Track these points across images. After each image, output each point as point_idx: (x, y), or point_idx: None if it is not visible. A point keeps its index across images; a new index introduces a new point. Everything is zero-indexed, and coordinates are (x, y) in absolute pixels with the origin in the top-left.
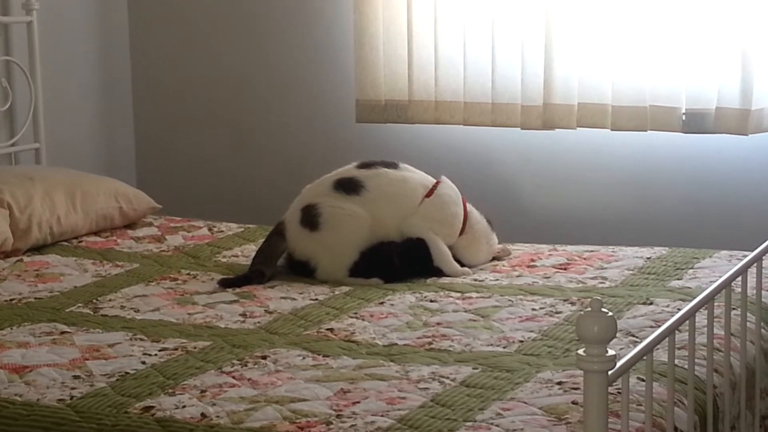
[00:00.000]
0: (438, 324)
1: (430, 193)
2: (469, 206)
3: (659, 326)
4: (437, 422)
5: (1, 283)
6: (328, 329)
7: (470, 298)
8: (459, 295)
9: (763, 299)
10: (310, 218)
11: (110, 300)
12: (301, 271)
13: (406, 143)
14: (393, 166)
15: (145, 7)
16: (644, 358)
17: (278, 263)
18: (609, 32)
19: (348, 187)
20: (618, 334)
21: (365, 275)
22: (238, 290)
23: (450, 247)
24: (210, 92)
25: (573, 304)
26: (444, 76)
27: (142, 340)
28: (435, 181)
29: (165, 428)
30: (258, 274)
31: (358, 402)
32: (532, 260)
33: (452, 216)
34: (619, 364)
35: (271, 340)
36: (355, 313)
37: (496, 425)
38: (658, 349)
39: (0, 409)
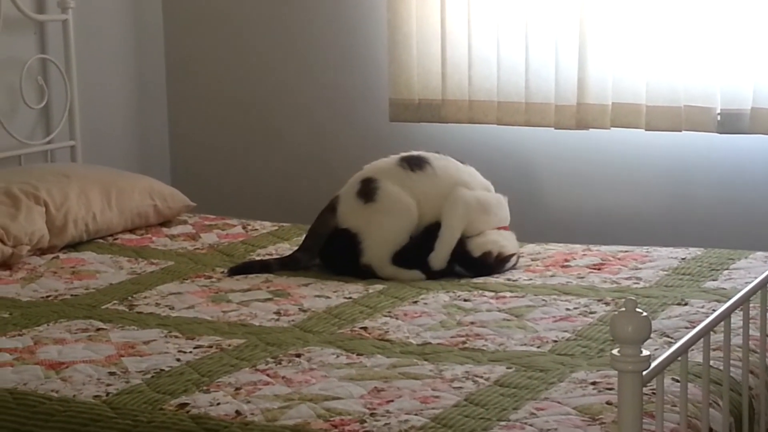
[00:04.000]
0: (472, 323)
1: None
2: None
3: (694, 327)
4: (471, 421)
5: (38, 280)
6: (362, 328)
7: (504, 297)
8: (493, 294)
9: None
10: (367, 191)
11: (145, 297)
12: (347, 243)
13: (439, 142)
14: (461, 162)
15: (179, 6)
16: (679, 358)
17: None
18: (643, 31)
19: (413, 162)
20: (652, 335)
21: (408, 264)
22: (272, 288)
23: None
24: (244, 91)
25: (607, 304)
26: (477, 75)
27: (176, 337)
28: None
29: (200, 425)
30: (293, 260)
31: (392, 401)
32: (566, 260)
33: (494, 216)
34: (653, 364)
35: (305, 338)
36: (389, 312)
37: (530, 425)
38: (693, 349)
39: (36, 405)
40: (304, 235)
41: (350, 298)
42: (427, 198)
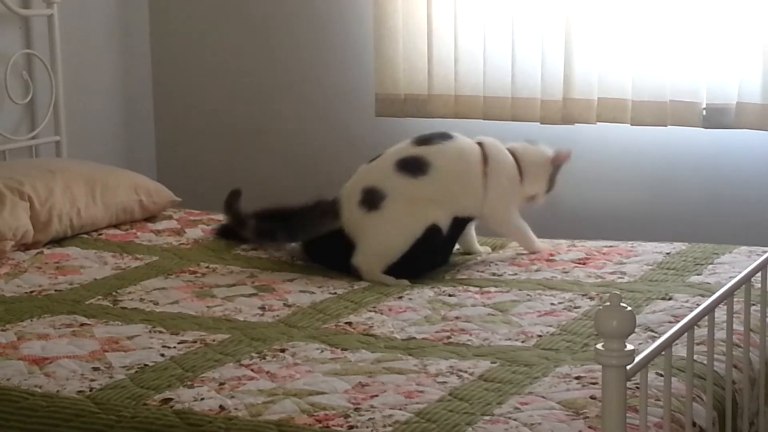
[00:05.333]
0: (456, 318)
1: (485, 160)
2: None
3: (678, 321)
4: (455, 416)
5: (22, 276)
6: (346, 323)
7: (489, 292)
8: (477, 289)
9: None
10: (371, 200)
11: (130, 292)
12: (343, 239)
13: None
14: (448, 137)
15: (165, 1)
16: (663, 353)
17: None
18: (629, 26)
19: (413, 167)
20: (637, 329)
21: (402, 268)
22: (257, 283)
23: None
24: (230, 86)
25: (592, 299)
26: (464, 70)
27: (161, 332)
28: (478, 144)
29: (183, 420)
30: (271, 233)
31: (377, 395)
32: (551, 255)
33: (513, 170)
34: (637, 359)
35: (289, 333)
36: (374, 307)
37: (514, 419)
38: (677, 344)
39: (20, 401)
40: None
41: (335, 293)
42: (437, 200)
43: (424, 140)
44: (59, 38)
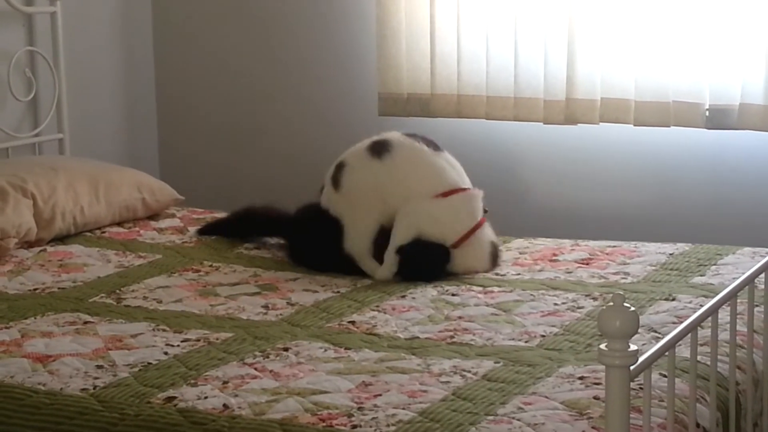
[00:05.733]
0: (460, 318)
1: (447, 193)
2: (485, 229)
3: (682, 322)
4: (458, 416)
5: (25, 273)
6: (349, 322)
7: (492, 292)
8: (481, 289)
9: None
10: (337, 177)
11: (133, 291)
12: (336, 227)
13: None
14: (434, 147)
15: None
16: (666, 353)
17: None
18: (632, 27)
19: (377, 148)
20: (640, 330)
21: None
22: (260, 282)
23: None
24: (233, 84)
25: (595, 299)
26: (466, 70)
27: (164, 330)
28: (463, 188)
29: (187, 419)
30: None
31: (380, 395)
32: (554, 255)
33: (452, 224)
34: (641, 359)
35: (293, 332)
36: (377, 306)
37: (518, 419)
38: (680, 345)
39: (23, 398)
40: None
41: (338, 292)
42: (387, 188)
43: (410, 135)
44: (62, 36)
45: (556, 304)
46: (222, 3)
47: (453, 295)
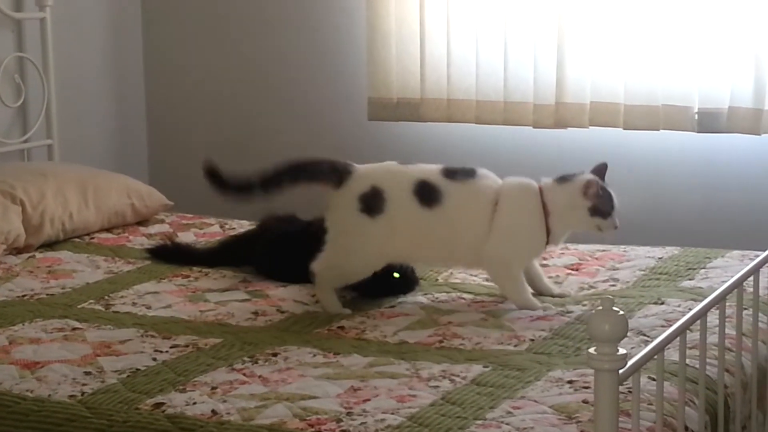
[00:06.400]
0: (449, 323)
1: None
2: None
3: (671, 326)
4: (447, 420)
5: (14, 279)
6: (339, 327)
7: (482, 302)
8: (471, 297)
9: None
10: (371, 203)
11: (122, 297)
12: (312, 235)
13: (418, 141)
14: (471, 174)
15: (158, 4)
16: (655, 357)
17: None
18: (621, 31)
19: (427, 195)
20: (629, 334)
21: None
22: (250, 288)
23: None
24: (223, 90)
25: (584, 304)
26: (456, 74)
27: (153, 336)
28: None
29: (176, 425)
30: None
31: (369, 400)
32: (544, 259)
33: (526, 213)
34: (630, 363)
35: (282, 337)
36: (366, 312)
37: (507, 424)
38: (669, 348)
39: (11, 405)
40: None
41: None
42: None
43: (450, 173)
44: (51, 41)
45: (545, 309)
46: (212, 8)
47: (442, 302)
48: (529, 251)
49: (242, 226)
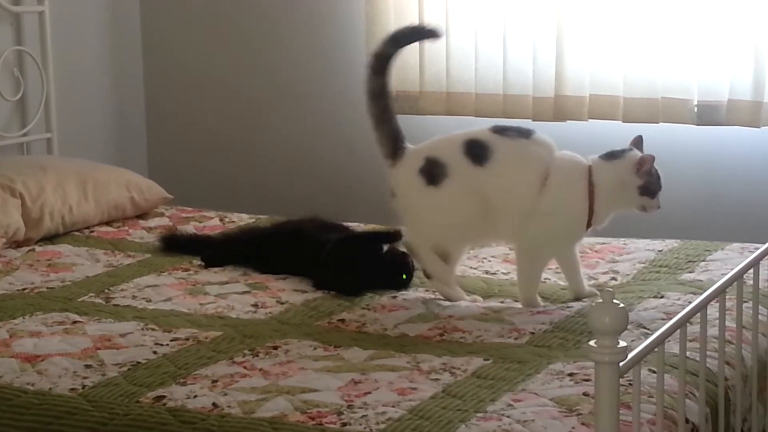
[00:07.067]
0: (450, 316)
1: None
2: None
3: (671, 318)
4: (448, 413)
5: (14, 273)
6: (339, 320)
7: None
8: (471, 298)
9: None
10: (432, 171)
11: (122, 290)
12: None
13: (417, 134)
14: (526, 134)
15: None
16: (656, 349)
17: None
18: (621, 24)
19: (478, 153)
20: (629, 326)
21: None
22: (250, 281)
23: None
24: (223, 83)
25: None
26: (455, 67)
27: (153, 329)
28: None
29: (176, 418)
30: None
31: (369, 392)
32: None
33: (569, 208)
34: (630, 355)
35: (282, 330)
36: (367, 305)
37: (507, 416)
38: (669, 341)
39: (12, 398)
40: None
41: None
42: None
43: (501, 129)
44: (50, 35)
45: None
46: (211, 2)
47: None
48: (567, 238)
49: (241, 219)
